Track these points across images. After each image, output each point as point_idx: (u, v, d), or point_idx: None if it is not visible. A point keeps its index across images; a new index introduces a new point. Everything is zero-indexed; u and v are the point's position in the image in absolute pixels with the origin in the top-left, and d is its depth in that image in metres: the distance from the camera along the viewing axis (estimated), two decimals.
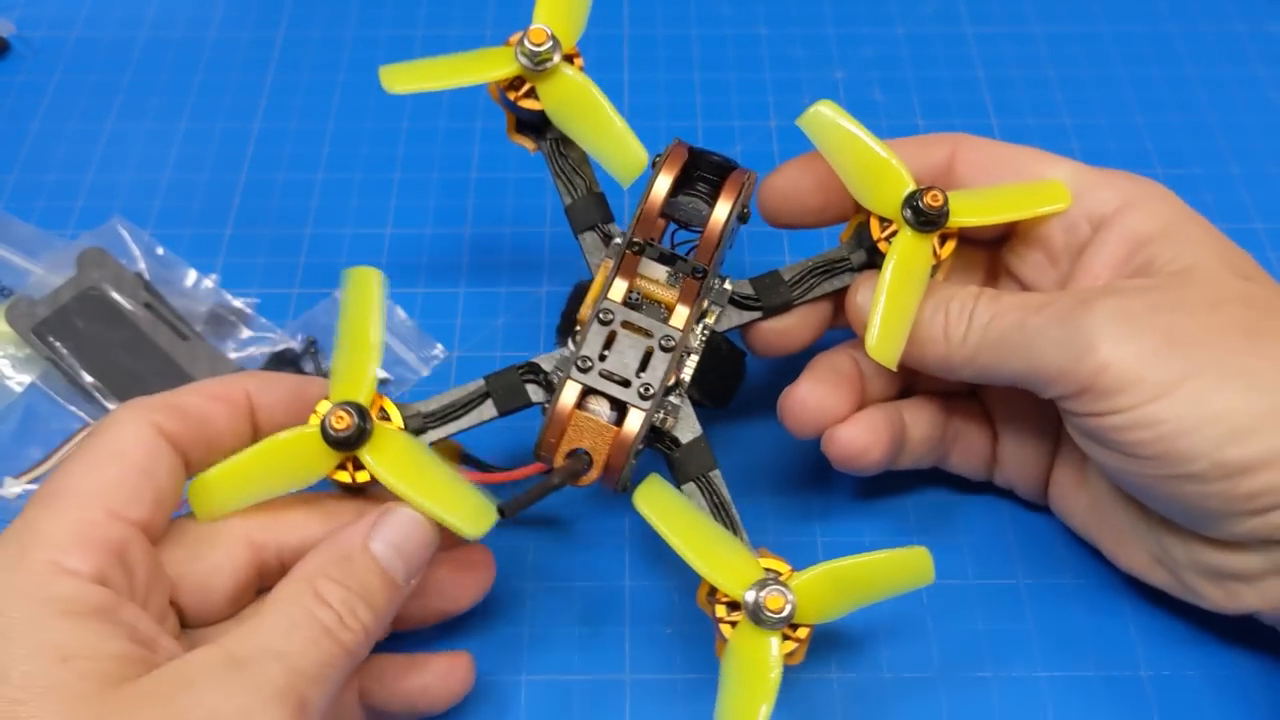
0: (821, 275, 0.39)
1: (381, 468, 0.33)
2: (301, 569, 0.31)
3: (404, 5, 0.60)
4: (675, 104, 0.55)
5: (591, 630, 0.39)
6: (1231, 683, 0.38)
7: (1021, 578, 0.40)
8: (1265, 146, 0.54)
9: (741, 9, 0.60)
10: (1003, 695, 0.38)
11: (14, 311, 0.45)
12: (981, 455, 0.41)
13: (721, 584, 0.33)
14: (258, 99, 0.56)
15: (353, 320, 0.35)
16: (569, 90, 0.38)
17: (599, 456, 0.34)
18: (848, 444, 0.37)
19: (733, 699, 0.32)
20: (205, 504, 0.33)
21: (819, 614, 0.33)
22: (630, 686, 0.38)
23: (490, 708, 0.38)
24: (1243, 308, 0.33)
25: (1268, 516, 0.32)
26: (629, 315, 0.36)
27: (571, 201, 0.39)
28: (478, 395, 0.36)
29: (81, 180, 0.53)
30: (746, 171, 0.38)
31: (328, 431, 0.32)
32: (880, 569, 0.34)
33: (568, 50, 0.38)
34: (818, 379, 0.38)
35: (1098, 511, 0.39)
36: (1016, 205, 0.37)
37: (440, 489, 0.33)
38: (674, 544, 0.33)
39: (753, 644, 0.32)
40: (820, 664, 0.38)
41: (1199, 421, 0.31)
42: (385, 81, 0.38)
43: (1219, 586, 0.35)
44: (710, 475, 0.36)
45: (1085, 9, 0.60)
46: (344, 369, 0.34)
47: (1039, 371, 0.34)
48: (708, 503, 0.36)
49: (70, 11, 0.60)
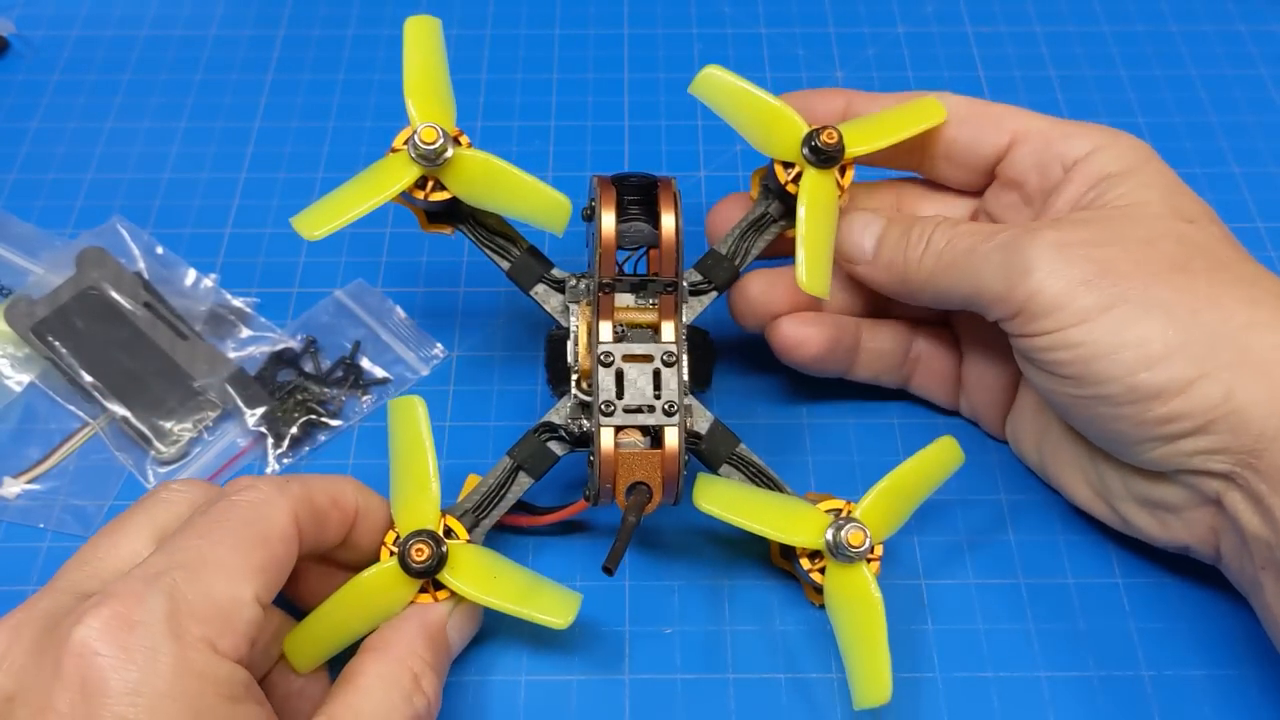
0: (753, 235, 0.41)
1: (464, 585, 0.35)
2: (395, 647, 0.34)
3: (404, 5, 0.60)
4: (675, 104, 0.55)
5: (591, 630, 0.39)
6: (1232, 683, 0.38)
7: (1021, 578, 0.40)
8: (1266, 146, 0.54)
9: (741, 9, 0.60)
10: (1002, 695, 0.38)
11: (13, 311, 0.45)
12: (946, 380, 0.43)
13: (799, 541, 0.36)
14: (257, 98, 0.56)
15: (407, 449, 0.36)
16: (472, 170, 0.38)
17: (655, 481, 0.36)
18: (789, 334, 0.41)
19: (853, 632, 0.35)
20: (302, 656, 0.35)
21: (886, 530, 0.37)
22: (630, 686, 0.38)
23: (490, 708, 0.38)
24: (1175, 245, 0.35)
25: (1178, 444, 0.34)
26: (626, 349, 0.37)
27: (510, 265, 0.40)
28: (509, 472, 0.38)
29: (81, 179, 0.52)
30: (667, 179, 0.39)
31: (409, 565, 0.34)
32: (920, 470, 0.37)
33: (453, 133, 0.38)
34: (769, 280, 0.41)
35: (1047, 443, 0.41)
36: (900, 127, 0.40)
37: (521, 592, 0.36)
38: (745, 526, 0.36)
39: (848, 579, 0.36)
40: (820, 663, 0.38)
41: (1115, 346, 0.34)
42: (301, 230, 0.38)
43: (1152, 516, 0.37)
44: (738, 450, 0.39)
45: (1086, 9, 0.60)
46: (407, 499, 0.36)
47: (983, 294, 0.36)
48: (746, 474, 0.39)
49: (70, 11, 0.60)
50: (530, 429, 0.39)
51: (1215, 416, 0.33)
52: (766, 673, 0.38)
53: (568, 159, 0.53)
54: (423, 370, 0.46)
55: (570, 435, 0.38)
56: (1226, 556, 0.36)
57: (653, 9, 0.60)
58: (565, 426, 0.38)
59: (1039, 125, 0.39)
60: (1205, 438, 0.33)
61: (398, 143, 0.38)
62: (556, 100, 0.56)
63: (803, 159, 0.39)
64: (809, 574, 0.37)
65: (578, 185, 0.52)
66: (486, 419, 0.45)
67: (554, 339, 0.40)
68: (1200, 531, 0.36)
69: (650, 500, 0.36)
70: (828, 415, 0.45)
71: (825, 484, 0.42)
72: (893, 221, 0.40)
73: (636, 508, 0.35)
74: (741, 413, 0.44)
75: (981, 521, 0.42)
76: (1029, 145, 0.39)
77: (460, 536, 0.36)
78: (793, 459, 0.43)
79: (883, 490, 0.37)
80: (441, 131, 0.37)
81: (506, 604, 0.35)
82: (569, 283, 0.40)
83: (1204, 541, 0.36)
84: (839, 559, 0.36)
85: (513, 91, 0.56)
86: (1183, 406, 0.33)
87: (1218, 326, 0.33)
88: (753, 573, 0.40)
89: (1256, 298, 0.34)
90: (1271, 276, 0.35)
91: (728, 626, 0.39)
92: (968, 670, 0.38)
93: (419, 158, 0.38)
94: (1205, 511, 0.35)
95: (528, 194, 0.39)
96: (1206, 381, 0.33)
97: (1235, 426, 0.33)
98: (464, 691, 0.38)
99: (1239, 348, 0.33)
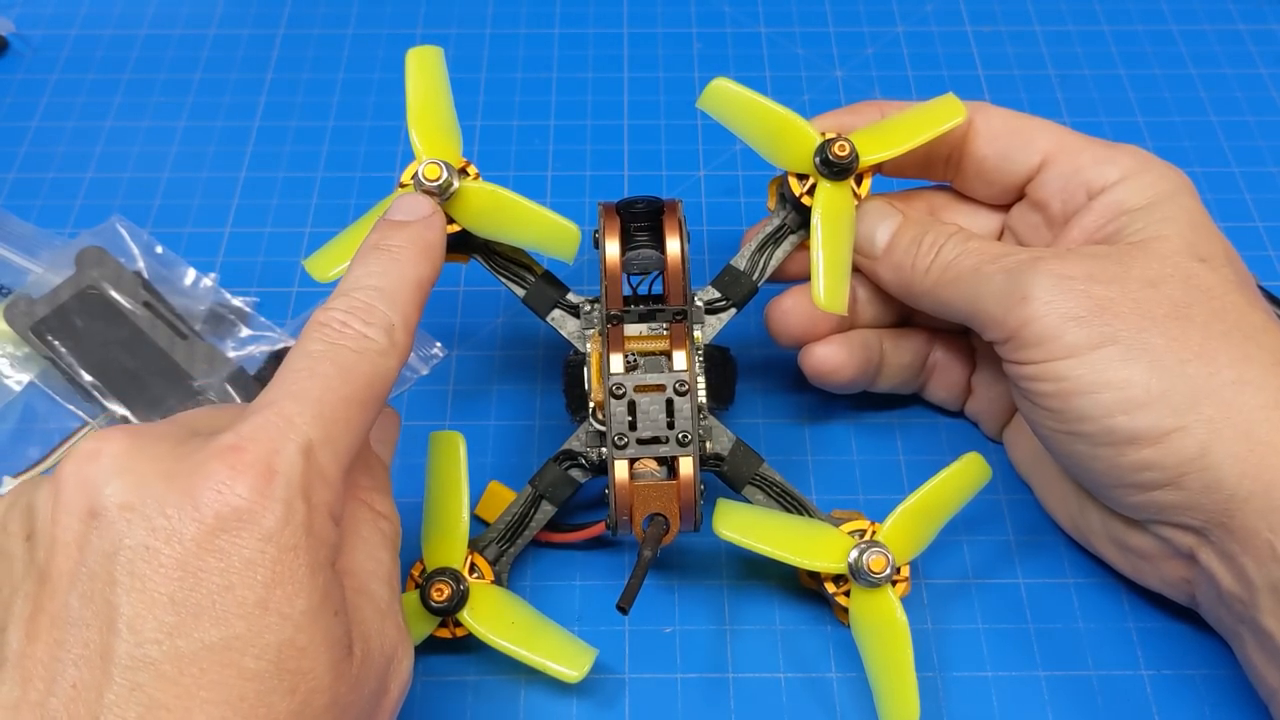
0: (771, 247, 0.40)
1: (480, 625, 0.36)
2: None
3: (404, 4, 0.60)
4: (675, 103, 0.55)
5: (591, 630, 0.39)
6: (1231, 683, 0.38)
7: (1022, 578, 0.40)
8: (1266, 146, 0.54)
9: (741, 9, 0.60)
10: (1002, 695, 0.38)
11: (13, 310, 0.45)
12: (957, 388, 0.43)
13: (822, 567, 0.36)
14: (257, 97, 0.56)
15: (443, 485, 0.37)
16: (480, 202, 0.38)
17: (672, 512, 0.36)
18: (821, 361, 0.40)
19: (880, 657, 0.36)
20: None
21: (912, 550, 0.37)
22: (630, 686, 0.38)
23: (491, 707, 0.38)
24: (1180, 288, 0.34)
25: (1152, 495, 0.34)
26: (638, 379, 0.37)
27: (526, 292, 0.40)
28: (532, 501, 0.38)
29: (80, 179, 0.52)
30: (672, 202, 0.38)
31: (429, 603, 0.36)
32: (947, 488, 0.37)
33: (458, 165, 0.38)
34: (804, 295, 0.40)
35: (1037, 460, 0.41)
36: (917, 130, 0.39)
37: (537, 639, 0.36)
38: (767, 553, 0.36)
39: (873, 603, 0.36)
40: (820, 663, 0.38)
41: (1096, 385, 0.33)
42: (314, 273, 0.38)
43: (1125, 559, 0.37)
44: (761, 470, 0.38)
45: (1086, 8, 0.60)
46: (438, 535, 0.37)
47: (980, 314, 0.36)
48: (770, 495, 0.38)
49: (70, 10, 0.60)
50: (551, 457, 0.39)
51: (1189, 471, 0.32)
52: (767, 672, 0.38)
53: (567, 158, 0.53)
54: (422, 370, 0.46)
55: (589, 462, 0.38)
56: (1204, 606, 0.36)
57: (652, 9, 0.60)
58: (584, 454, 0.38)
59: (1071, 147, 0.38)
60: (1178, 492, 0.33)
61: (405, 178, 0.38)
62: (556, 100, 0.56)
63: (815, 170, 0.38)
64: (835, 597, 0.37)
65: (578, 184, 0.52)
66: (486, 419, 0.45)
67: (572, 365, 0.40)
68: (1174, 580, 0.36)
69: (668, 531, 0.36)
70: (827, 416, 0.45)
71: (826, 486, 0.42)
72: (909, 222, 0.39)
73: (653, 541, 0.35)
74: (741, 415, 0.44)
75: (982, 522, 0.42)
76: (1057, 168, 0.38)
77: (486, 575, 0.37)
78: (793, 459, 0.43)
79: (907, 510, 0.37)
80: (446, 166, 0.37)
81: (520, 650, 0.36)
82: (583, 308, 0.39)
83: (1179, 590, 0.36)
84: (861, 584, 0.36)
85: (512, 91, 0.56)
86: (1156, 456, 0.33)
87: (1204, 380, 0.33)
88: (753, 572, 0.40)
89: (1250, 354, 0.33)
90: (1275, 330, 0.34)
91: (728, 626, 0.39)
92: (968, 670, 0.38)
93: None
94: (1179, 563, 0.35)
95: (536, 223, 0.38)
96: (1183, 435, 0.32)
97: (1209, 484, 0.32)
98: (464, 691, 0.38)
99: (1221, 404, 0.32)
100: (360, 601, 0.30)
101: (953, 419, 0.45)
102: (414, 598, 0.36)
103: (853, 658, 0.38)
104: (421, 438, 0.39)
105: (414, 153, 0.38)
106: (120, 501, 0.26)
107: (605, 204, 0.38)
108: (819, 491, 0.42)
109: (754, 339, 0.46)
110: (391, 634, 0.30)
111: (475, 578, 0.37)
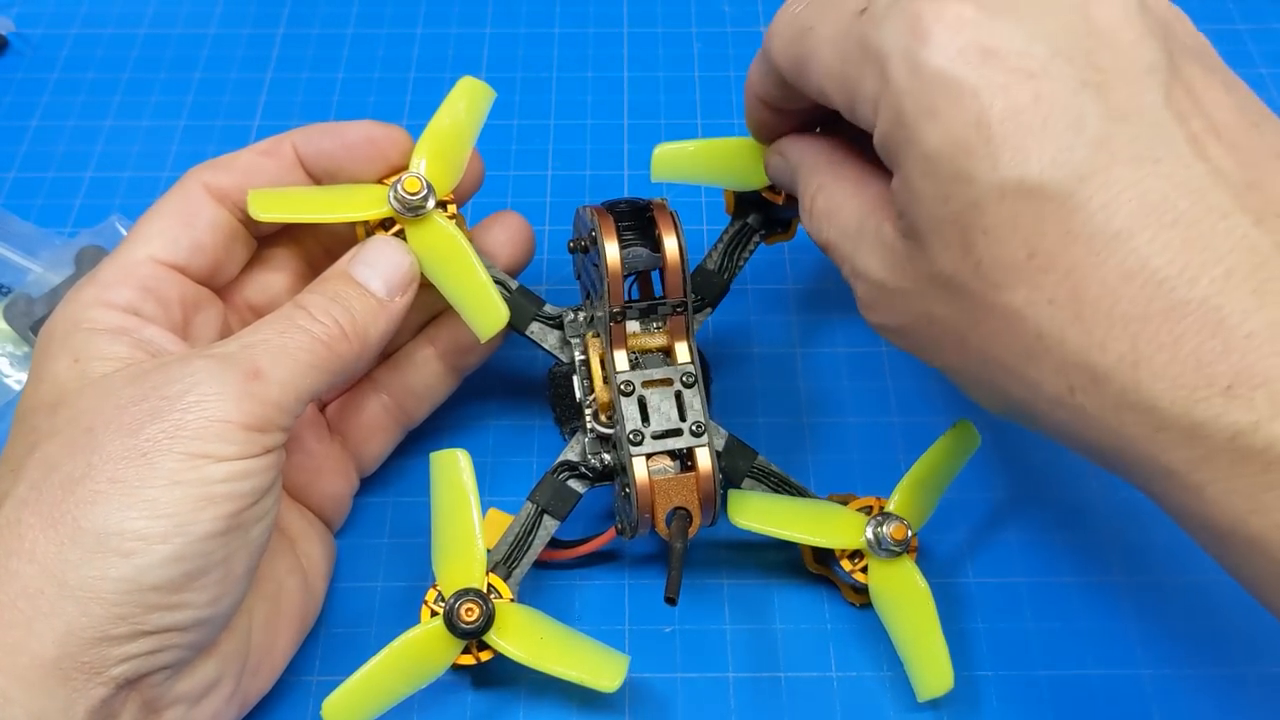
0: (739, 247, 0.41)
1: (511, 646, 0.35)
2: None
3: (404, 4, 0.60)
4: (675, 103, 0.55)
5: (591, 630, 0.39)
6: (1231, 683, 0.38)
7: (1022, 578, 0.40)
8: None
9: (741, 8, 0.60)
10: (1003, 695, 0.38)
11: (12, 309, 0.45)
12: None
13: (841, 543, 0.37)
14: (257, 96, 0.56)
15: (449, 504, 0.36)
16: (436, 239, 0.37)
17: (693, 505, 0.36)
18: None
19: (907, 625, 0.36)
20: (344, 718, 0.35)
21: (919, 520, 0.38)
22: (630, 686, 0.38)
23: (491, 708, 0.38)
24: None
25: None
26: (645, 375, 0.37)
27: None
28: (534, 517, 0.38)
29: (80, 178, 0.52)
30: (660, 202, 0.38)
31: (458, 625, 0.34)
32: (943, 457, 0.38)
33: (442, 196, 0.38)
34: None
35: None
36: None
37: (568, 653, 0.36)
38: (785, 537, 0.37)
39: (894, 573, 0.37)
40: (820, 663, 0.38)
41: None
42: (252, 207, 0.36)
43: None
44: (758, 462, 0.39)
45: None
46: (452, 556, 0.36)
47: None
48: (769, 485, 0.39)
49: (69, 9, 0.60)
50: (548, 470, 0.38)
51: None
52: (767, 672, 0.38)
53: (567, 158, 0.53)
54: None
55: (591, 471, 0.38)
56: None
57: (652, 8, 0.60)
58: (584, 463, 0.38)
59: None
60: None
61: (388, 178, 0.37)
62: (556, 99, 0.56)
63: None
64: (851, 575, 0.37)
65: (578, 184, 0.52)
66: (486, 418, 0.45)
67: (558, 375, 0.40)
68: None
69: (691, 524, 0.36)
70: (827, 415, 0.45)
71: (826, 485, 0.42)
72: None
73: (681, 533, 0.35)
74: (741, 415, 0.44)
75: (982, 522, 0.42)
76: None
77: (504, 595, 0.36)
78: (793, 459, 0.43)
79: (911, 482, 0.38)
80: (428, 187, 0.37)
81: (555, 667, 0.35)
82: (565, 317, 0.39)
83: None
84: (882, 555, 0.36)
85: (512, 90, 0.56)
86: None
87: None
88: (753, 571, 0.40)
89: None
90: None
91: (728, 625, 0.39)
92: (968, 670, 0.38)
93: (394, 199, 0.36)
94: None
95: (473, 287, 0.37)
96: None
97: None
98: (463, 691, 0.38)
99: None
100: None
101: (954, 419, 0.44)
102: (438, 627, 0.34)
103: (853, 657, 0.38)
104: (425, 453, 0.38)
105: (409, 163, 0.38)
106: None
107: (592, 208, 0.38)
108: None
109: (735, 337, 0.46)
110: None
111: (495, 598, 0.35)
